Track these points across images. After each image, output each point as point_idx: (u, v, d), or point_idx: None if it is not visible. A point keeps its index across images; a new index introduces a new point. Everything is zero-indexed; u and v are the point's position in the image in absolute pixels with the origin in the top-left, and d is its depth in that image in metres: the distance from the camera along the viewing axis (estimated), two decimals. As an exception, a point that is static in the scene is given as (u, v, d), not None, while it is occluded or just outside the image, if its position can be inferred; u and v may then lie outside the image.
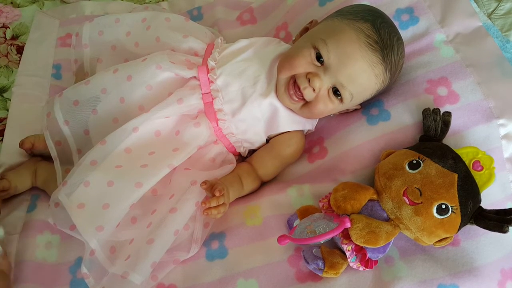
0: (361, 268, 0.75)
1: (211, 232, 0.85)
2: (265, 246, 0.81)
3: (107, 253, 0.79)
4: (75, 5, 1.25)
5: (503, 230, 0.72)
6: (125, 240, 0.81)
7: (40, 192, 0.95)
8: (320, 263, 0.74)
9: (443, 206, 0.71)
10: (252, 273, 0.79)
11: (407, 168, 0.75)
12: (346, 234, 0.74)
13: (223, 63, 0.89)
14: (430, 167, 0.74)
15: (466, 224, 0.75)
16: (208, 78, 0.87)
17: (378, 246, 0.72)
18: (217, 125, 0.88)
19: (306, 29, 0.92)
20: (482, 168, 0.79)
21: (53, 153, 0.89)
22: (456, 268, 0.76)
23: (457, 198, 0.72)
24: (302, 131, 0.93)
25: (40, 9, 1.25)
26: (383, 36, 0.80)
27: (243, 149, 0.93)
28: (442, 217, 0.71)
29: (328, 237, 0.72)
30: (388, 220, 0.75)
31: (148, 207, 0.83)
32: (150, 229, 0.80)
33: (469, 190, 0.73)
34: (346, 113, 0.93)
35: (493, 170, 0.78)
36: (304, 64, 0.82)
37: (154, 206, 0.83)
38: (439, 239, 0.74)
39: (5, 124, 1.03)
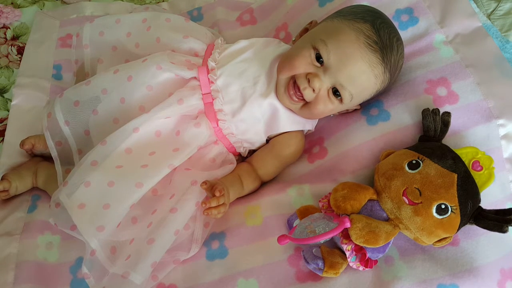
0: (361, 268, 0.75)
1: (211, 232, 0.85)
2: (265, 246, 0.81)
3: (108, 253, 0.79)
4: (76, 5, 1.25)
5: (502, 230, 0.72)
6: (126, 240, 0.82)
7: (41, 192, 0.96)
8: (320, 263, 0.74)
9: (443, 206, 0.71)
10: (252, 273, 0.79)
11: (406, 168, 0.75)
12: (346, 234, 0.74)
13: (223, 64, 0.89)
14: (430, 167, 0.74)
15: (466, 224, 0.75)
16: (208, 79, 0.88)
17: (377, 246, 0.73)
18: (217, 125, 0.88)
19: (306, 30, 0.92)
20: (482, 168, 0.79)
21: (54, 153, 0.90)
22: (455, 268, 0.76)
23: (456, 198, 0.72)
24: (302, 131, 0.93)
25: (41, 9, 1.25)
26: (383, 36, 0.81)
27: (243, 149, 0.93)
28: (441, 217, 0.72)
29: (328, 237, 0.72)
30: (387, 220, 0.75)
31: (149, 207, 0.83)
32: (150, 229, 0.80)
33: (468, 190, 0.74)
34: (346, 113, 0.93)
35: (493, 170, 0.79)
36: (304, 64, 0.82)
37: (155, 206, 0.83)
38: (439, 239, 0.74)
39: (6, 124, 1.03)
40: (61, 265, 0.86)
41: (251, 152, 0.96)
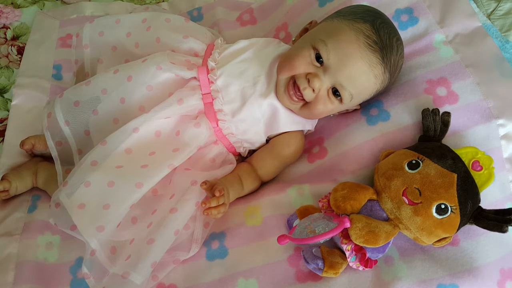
0: (360, 268, 0.75)
1: (211, 232, 0.85)
2: (265, 246, 0.81)
3: (108, 253, 0.79)
4: (76, 5, 1.25)
5: (502, 230, 0.72)
6: (126, 240, 0.82)
7: (41, 192, 0.96)
8: (320, 263, 0.74)
9: (443, 206, 0.71)
10: (252, 273, 0.79)
11: (406, 168, 0.75)
12: (345, 234, 0.74)
13: (223, 64, 0.89)
14: (430, 167, 0.74)
15: (466, 224, 0.75)
16: (208, 79, 0.88)
17: (377, 246, 0.73)
18: (217, 125, 0.88)
19: (305, 30, 0.92)
20: (482, 168, 0.79)
21: (54, 153, 0.90)
22: (455, 268, 0.76)
23: (456, 198, 0.72)
24: (301, 131, 0.93)
25: (41, 9, 1.25)
26: (383, 36, 0.81)
27: (243, 149, 0.93)
28: (441, 217, 0.72)
29: (327, 237, 0.72)
30: (387, 220, 0.75)
31: (149, 207, 0.83)
32: (150, 229, 0.80)
33: (468, 190, 0.74)
34: (346, 113, 0.93)
35: (493, 170, 0.79)
36: (303, 64, 0.82)
37: (155, 206, 0.83)
38: (439, 239, 0.74)
39: (6, 124, 1.03)
40: (61, 265, 0.86)
41: (251, 152, 0.96)
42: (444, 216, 0.72)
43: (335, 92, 0.82)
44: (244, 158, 0.96)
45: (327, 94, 0.83)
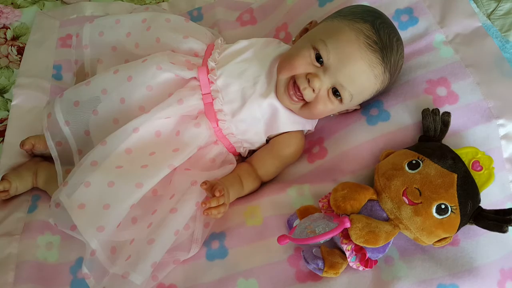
0: (360, 268, 0.75)
1: (211, 232, 0.85)
2: (265, 246, 0.81)
3: (108, 253, 0.79)
4: (76, 5, 1.25)
5: (502, 230, 0.72)
6: (126, 240, 0.82)
7: (41, 192, 0.96)
8: (320, 263, 0.74)
9: (443, 206, 0.71)
10: (252, 273, 0.79)
11: (406, 168, 0.75)
12: (345, 234, 0.74)
13: (223, 64, 0.89)
14: (430, 167, 0.74)
15: (466, 224, 0.75)
16: (208, 79, 0.88)
17: (377, 246, 0.73)
18: (217, 125, 0.88)
19: (305, 30, 0.92)
20: (482, 168, 0.79)
21: (54, 153, 0.90)
22: (455, 268, 0.76)
23: (456, 198, 0.72)
24: (302, 131, 0.93)
25: (41, 9, 1.25)
26: (383, 36, 0.81)
27: (243, 150, 0.93)
28: (441, 217, 0.72)
29: (328, 237, 0.72)
30: (387, 220, 0.75)
31: (149, 207, 0.83)
32: (150, 229, 0.80)
33: (468, 190, 0.74)
34: (346, 113, 0.93)
35: (493, 170, 0.79)
36: (303, 64, 0.82)
37: (155, 206, 0.83)
38: (439, 239, 0.74)
39: (6, 124, 1.03)
40: (61, 265, 0.86)
41: (251, 152, 0.96)
42: (444, 216, 0.72)
43: (335, 92, 0.82)
44: (244, 158, 0.96)
45: (327, 94, 0.83)
